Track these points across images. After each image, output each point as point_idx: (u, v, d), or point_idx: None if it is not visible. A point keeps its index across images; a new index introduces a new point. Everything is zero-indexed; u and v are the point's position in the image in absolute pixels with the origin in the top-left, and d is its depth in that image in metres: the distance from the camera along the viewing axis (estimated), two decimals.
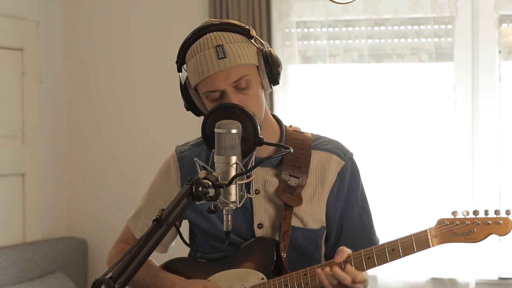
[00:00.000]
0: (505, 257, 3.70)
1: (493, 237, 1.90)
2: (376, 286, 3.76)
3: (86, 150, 4.41)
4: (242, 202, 1.72)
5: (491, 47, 3.69)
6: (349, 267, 1.93)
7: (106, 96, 4.37)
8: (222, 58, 1.92)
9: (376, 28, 3.81)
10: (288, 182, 2.07)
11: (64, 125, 4.43)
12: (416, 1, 3.70)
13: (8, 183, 4.12)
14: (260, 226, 2.08)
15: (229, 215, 1.74)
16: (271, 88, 2.05)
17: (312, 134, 2.19)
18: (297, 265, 2.06)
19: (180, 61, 2.02)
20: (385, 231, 3.79)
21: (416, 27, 3.77)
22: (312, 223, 2.09)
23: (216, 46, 1.93)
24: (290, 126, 2.19)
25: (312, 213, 2.09)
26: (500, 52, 3.69)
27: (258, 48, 2.00)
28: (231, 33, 1.97)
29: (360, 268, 1.94)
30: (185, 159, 2.14)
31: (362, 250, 1.95)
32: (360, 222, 2.15)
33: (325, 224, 2.12)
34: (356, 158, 2.20)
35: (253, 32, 2.00)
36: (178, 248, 2.27)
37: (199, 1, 4.11)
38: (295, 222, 2.08)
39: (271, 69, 2.01)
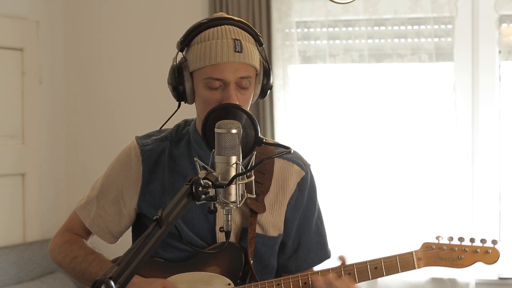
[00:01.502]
0: (505, 257, 3.70)
1: (478, 264, 1.96)
2: (376, 286, 3.76)
3: (86, 150, 4.41)
4: (243, 202, 1.72)
5: (491, 47, 3.69)
6: (346, 276, 1.96)
7: (106, 96, 4.37)
8: (238, 51, 1.92)
9: (376, 28, 3.81)
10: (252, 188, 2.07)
11: (64, 125, 4.43)
12: (416, 1, 3.70)
13: (8, 183, 4.12)
14: (222, 229, 2.04)
15: (229, 215, 1.73)
16: (257, 99, 2.04)
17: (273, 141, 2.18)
18: (256, 271, 2.06)
19: (186, 42, 1.99)
20: (385, 230, 3.80)
21: (416, 27, 3.77)
22: (272, 230, 2.09)
23: (234, 39, 1.93)
24: None
25: (272, 221, 2.09)
26: (500, 52, 3.69)
27: (262, 57, 2.01)
28: (247, 33, 1.98)
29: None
30: (148, 153, 2.10)
31: (355, 263, 1.98)
32: (317, 232, 2.16)
33: (282, 232, 2.12)
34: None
35: (262, 41, 2.01)
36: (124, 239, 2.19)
37: (198, 1, 4.11)
38: (257, 229, 2.07)
39: (267, 82, 2.02)
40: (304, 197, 2.13)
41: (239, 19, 2.00)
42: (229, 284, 2.03)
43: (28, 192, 4.19)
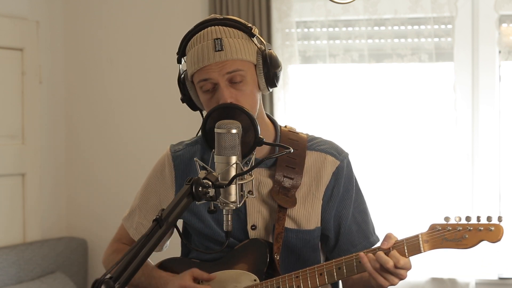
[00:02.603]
0: (505, 257, 3.70)
1: (484, 244, 1.88)
2: None
3: (86, 150, 4.41)
4: (242, 202, 1.72)
5: (491, 47, 3.69)
6: (393, 252, 1.90)
7: (106, 96, 4.37)
8: (218, 50, 1.93)
9: (376, 28, 3.81)
10: (282, 183, 2.06)
11: (64, 125, 4.43)
12: (416, 1, 3.70)
13: (8, 183, 4.12)
14: (253, 227, 2.07)
15: (229, 215, 1.74)
16: (268, 90, 2.04)
17: (307, 134, 2.18)
18: (293, 267, 2.05)
19: (181, 53, 2.03)
20: (384, 231, 3.79)
21: (416, 27, 3.77)
22: (306, 224, 2.09)
23: (214, 39, 1.94)
24: (285, 127, 2.18)
25: (306, 214, 2.09)
26: (500, 52, 3.69)
27: (258, 48, 2.01)
28: (232, 29, 1.98)
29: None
30: (179, 158, 2.14)
31: (353, 254, 1.95)
32: (355, 222, 2.15)
33: (319, 225, 2.11)
34: (352, 158, 2.20)
35: (255, 31, 2.00)
36: (172, 247, 2.26)
37: (199, 1, 4.11)
38: (289, 224, 2.07)
39: (269, 70, 2.01)
40: (341, 187, 2.11)
41: (225, 16, 2.01)
42: (255, 280, 2.04)
43: (28, 192, 4.19)
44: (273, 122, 2.15)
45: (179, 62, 2.04)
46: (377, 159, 3.83)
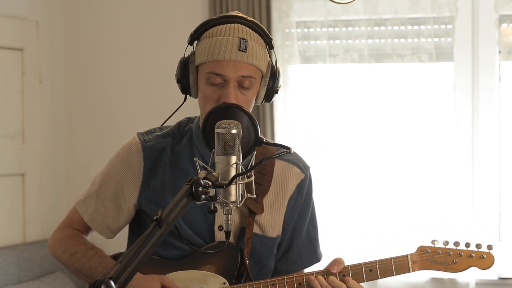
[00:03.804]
0: (505, 257, 3.70)
1: (473, 269, 1.96)
2: (376, 286, 3.76)
3: (86, 150, 4.41)
4: (242, 201, 1.72)
5: (491, 47, 3.69)
6: (348, 278, 1.95)
7: (106, 96, 4.37)
8: (242, 51, 1.93)
9: (376, 28, 3.81)
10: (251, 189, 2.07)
11: (64, 125, 4.43)
12: (416, 1, 3.70)
13: (8, 183, 4.12)
14: (220, 228, 2.04)
15: (229, 215, 1.73)
16: (262, 102, 2.04)
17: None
18: (256, 272, 2.06)
19: (196, 36, 2.00)
20: (385, 230, 3.80)
21: (416, 27, 3.77)
22: (271, 231, 2.09)
23: (241, 38, 1.94)
24: None
25: (271, 221, 2.09)
26: (500, 52, 3.69)
27: (270, 60, 2.01)
28: (257, 34, 1.98)
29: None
30: (150, 149, 2.11)
31: (349, 265, 1.97)
32: (308, 235, 2.17)
33: (281, 233, 2.12)
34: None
35: (273, 44, 2.02)
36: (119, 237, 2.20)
37: (198, 1, 4.11)
38: (256, 229, 2.07)
39: (273, 85, 2.02)
40: (302, 199, 2.13)
41: (252, 19, 2.00)
42: (224, 283, 2.03)
43: (28, 192, 4.19)
44: None
45: (191, 44, 2.01)
46: (377, 158, 3.83)
